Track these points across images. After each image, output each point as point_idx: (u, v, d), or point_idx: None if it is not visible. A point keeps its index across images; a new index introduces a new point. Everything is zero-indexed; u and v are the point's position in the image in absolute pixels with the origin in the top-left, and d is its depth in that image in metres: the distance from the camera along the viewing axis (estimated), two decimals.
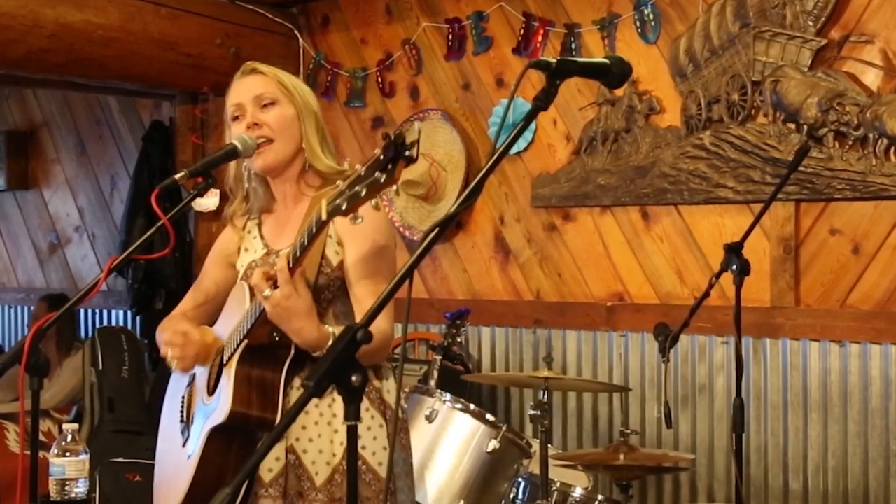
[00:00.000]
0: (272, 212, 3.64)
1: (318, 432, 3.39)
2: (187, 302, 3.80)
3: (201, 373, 3.55)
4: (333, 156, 3.56)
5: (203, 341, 3.53)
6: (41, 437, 6.83)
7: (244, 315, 3.33)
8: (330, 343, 3.21)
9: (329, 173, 3.49)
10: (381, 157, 2.67)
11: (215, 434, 3.33)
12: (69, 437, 3.31)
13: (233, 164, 3.58)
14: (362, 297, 3.39)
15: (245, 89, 3.53)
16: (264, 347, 3.30)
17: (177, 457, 3.54)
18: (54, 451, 3.31)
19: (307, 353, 3.32)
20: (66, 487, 3.29)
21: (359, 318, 3.07)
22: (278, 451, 3.37)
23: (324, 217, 2.92)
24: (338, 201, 2.83)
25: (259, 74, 3.55)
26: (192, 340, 3.52)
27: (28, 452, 3.29)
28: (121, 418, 7.29)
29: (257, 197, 3.63)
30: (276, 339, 3.31)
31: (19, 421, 6.75)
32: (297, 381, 3.39)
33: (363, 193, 2.76)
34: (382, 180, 2.70)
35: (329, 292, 3.42)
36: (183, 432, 3.57)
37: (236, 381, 3.27)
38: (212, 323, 3.71)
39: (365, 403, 3.42)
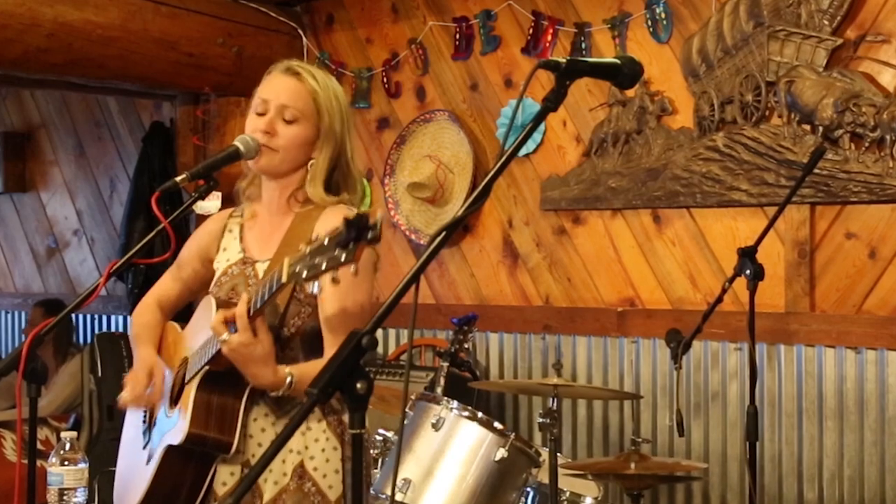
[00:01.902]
0: (253, 216, 3.64)
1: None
2: (164, 288, 3.83)
3: (167, 377, 3.58)
4: (343, 186, 3.52)
5: (161, 386, 3.57)
6: (39, 446, 6.84)
7: (209, 338, 3.34)
8: (287, 384, 3.25)
9: (317, 202, 3.49)
10: (344, 234, 2.65)
11: (172, 451, 3.37)
12: (68, 446, 3.31)
13: None
14: (327, 346, 3.37)
15: (278, 91, 3.49)
16: (226, 372, 3.31)
17: (137, 458, 3.61)
18: (53, 459, 3.31)
19: None
20: (65, 497, 3.29)
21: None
22: (234, 466, 3.41)
23: (284, 280, 2.93)
24: (298, 268, 2.83)
25: (298, 82, 3.48)
26: (153, 395, 3.56)
27: (25, 461, 3.30)
28: (120, 426, 7.27)
29: (256, 188, 3.64)
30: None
31: (16, 429, 6.75)
32: (257, 409, 3.43)
33: (323, 266, 2.74)
34: (343, 258, 2.68)
35: (299, 318, 3.41)
36: (144, 434, 3.61)
37: (195, 404, 3.30)
38: (183, 308, 3.80)
39: (322, 425, 3.46)
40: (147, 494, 3.40)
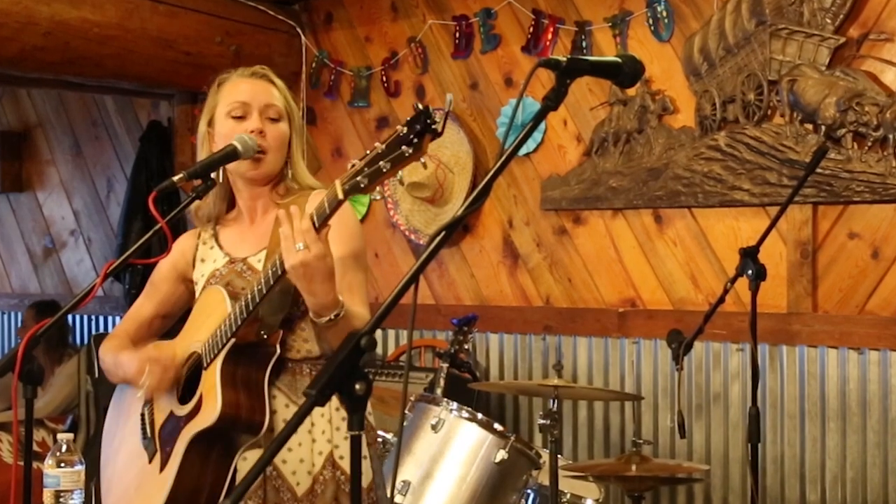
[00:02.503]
0: (227, 224, 3.67)
1: (298, 441, 3.40)
2: (137, 313, 3.81)
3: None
4: (313, 172, 3.73)
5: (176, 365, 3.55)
6: (35, 448, 6.83)
7: (225, 317, 3.33)
8: (340, 305, 3.21)
9: (303, 187, 3.58)
10: (407, 131, 2.69)
11: (196, 442, 3.34)
12: (64, 448, 3.31)
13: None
14: (345, 289, 3.36)
15: (256, 93, 3.57)
16: (249, 347, 3.32)
17: (141, 475, 3.56)
18: (49, 461, 3.30)
19: (286, 357, 3.39)
20: (62, 499, 3.28)
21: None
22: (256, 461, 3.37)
23: (340, 196, 2.93)
24: (358, 178, 2.85)
25: (271, 84, 3.61)
26: (168, 374, 3.52)
27: (22, 463, 3.29)
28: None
29: (215, 203, 3.65)
30: (264, 336, 3.35)
31: (13, 431, 6.75)
32: (275, 401, 3.41)
33: (386, 169, 2.80)
34: (408, 154, 2.74)
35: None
36: (147, 448, 3.57)
37: (223, 382, 3.28)
38: (149, 341, 3.76)
39: (342, 413, 3.45)
40: (169, 499, 3.37)
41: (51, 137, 9.33)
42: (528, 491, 4.94)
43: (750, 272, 4.52)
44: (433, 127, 2.65)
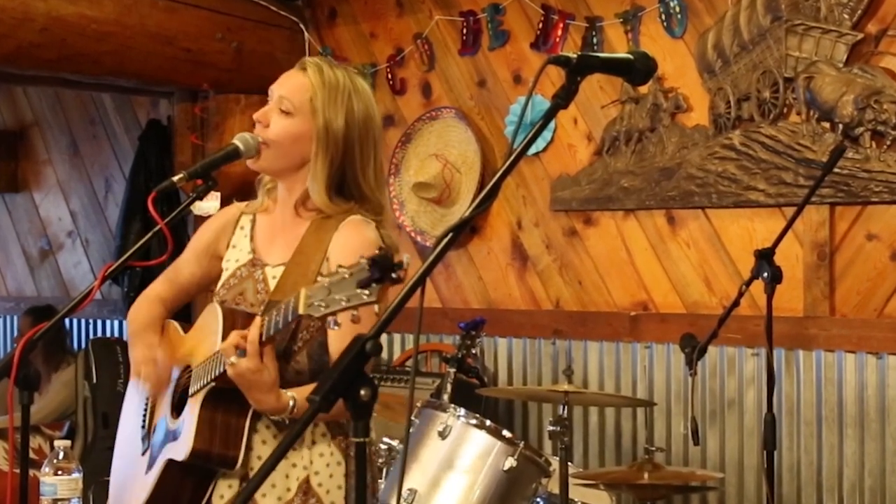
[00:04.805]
0: (266, 214, 3.59)
1: None
2: (170, 283, 3.76)
3: (173, 373, 3.57)
4: (355, 196, 3.44)
5: (168, 365, 3.55)
6: (32, 455, 6.85)
7: (216, 353, 3.28)
8: (289, 408, 3.21)
9: (325, 210, 3.42)
10: (367, 273, 2.62)
11: (172, 465, 3.34)
12: (61, 455, 3.32)
13: None
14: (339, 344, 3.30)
15: (282, 82, 3.46)
16: (231, 389, 3.26)
17: (135, 464, 3.59)
18: (46, 469, 3.31)
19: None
20: None
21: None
22: (232, 479, 3.38)
23: (300, 311, 2.86)
24: (317, 302, 2.78)
25: (302, 76, 3.43)
26: (161, 376, 3.53)
27: (18, 470, 3.30)
28: (116, 434, 7.27)
29: (275, 188, 3.60)
30: None
31: (8, 437, 6.76)
32: (261, 423, 3.39)
33: (343, 304, 2.72)
34: (364, 298, 2.67)
35: (308, 332, 3.36)
36: (143, 440, 3.59)
37: (199, 421, 3.27)
38: (181, 307, 3.77)
39: (327, 439, 3.42)
40: None
41: (47, 136, 9.34)
42: (538, 499, 4.94)
43: (765, 275, 4.52)
44: (393, 276, 2.60)
